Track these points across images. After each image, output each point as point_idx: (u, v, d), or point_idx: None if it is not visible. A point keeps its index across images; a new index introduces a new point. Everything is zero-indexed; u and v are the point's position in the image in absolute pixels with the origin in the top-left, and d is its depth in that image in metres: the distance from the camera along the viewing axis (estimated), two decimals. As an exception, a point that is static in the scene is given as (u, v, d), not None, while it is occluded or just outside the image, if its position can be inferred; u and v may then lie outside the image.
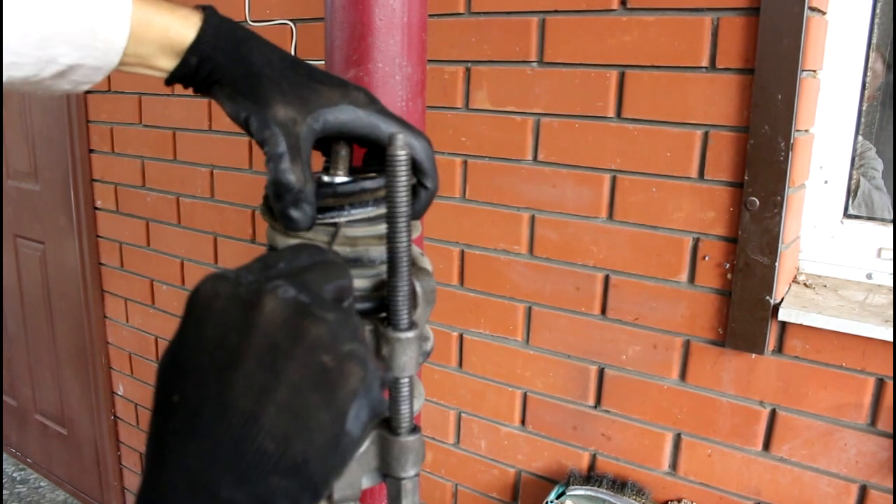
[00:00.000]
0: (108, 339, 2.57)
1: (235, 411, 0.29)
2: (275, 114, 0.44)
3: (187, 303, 0.33)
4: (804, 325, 1.23)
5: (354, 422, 0.31)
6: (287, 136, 0.44)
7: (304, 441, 0.30)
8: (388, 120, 0.48)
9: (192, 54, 0.46)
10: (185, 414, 0.30)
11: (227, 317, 0.31)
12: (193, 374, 0.31)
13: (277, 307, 0.31)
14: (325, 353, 0.31)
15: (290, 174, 0.43)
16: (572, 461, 1.54)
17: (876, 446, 1.22)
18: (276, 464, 0.29)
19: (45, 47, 0.43)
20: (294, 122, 0.44)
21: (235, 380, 0.30)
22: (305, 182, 0.43)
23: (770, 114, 1.19)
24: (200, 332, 0.32)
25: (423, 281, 0.42)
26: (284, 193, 0.43)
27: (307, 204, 0.43)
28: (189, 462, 0.29)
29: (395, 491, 0.41)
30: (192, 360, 0.31)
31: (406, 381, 0.40)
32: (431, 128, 1.56)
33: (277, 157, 0.43)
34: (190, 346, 0.32)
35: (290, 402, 0.30)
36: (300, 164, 0.43)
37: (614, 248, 1.41)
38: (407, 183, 0.38)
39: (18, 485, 3.00)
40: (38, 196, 2.64)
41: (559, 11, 1.39)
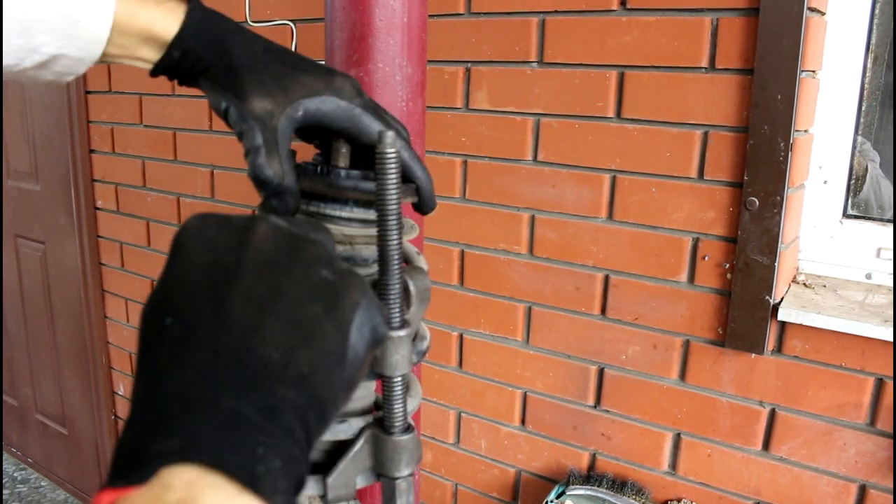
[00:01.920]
0: (109, 339, 2.57)
1: (235, 322, 0.28)
2: (252, 107, 0.44)
3: (174, 238, 0.32)
4: (804, 325, 1.23)
5: (358, 335, 0.31)
6: (263, 130, 0.43)
7: (309, 350, 0.29)
8: (370, 115, 0.47)
9: (175, 48, 0.46)
10: (179, 332, 0.28)
11: (220, 241, 0.31)
12: (185, 298, 0.29)
13: (270, 229, 0.32)
14: (323, 268, 0.31)
15: (267, 169, 0.43)
16: (572, 461, 1.54)
17: (875, 446, 1.22)
18: (281, 373, 0.28)
19: (25, 35, 0.42)
20: (271, 115, 0.44)
21: (233, 294, 0.29)
22: (283, 175, 0.43)
23: (770, 114, 1.19)
24: (190, 260, 0.31)
25: (416, 279, 0.41)
26: (263, 187, 0.43)
27: (288, 195, 0.43)
28: (186, 375, 0.27)
29: (389, 490, 0.41)
30: (184, 284, 0.30)
31: (399, 379, 0.40)
32: (431, 128, 1.56)
33: (254, 150, 0.43)
34: (178, 275, 0.31)
35: (291, 312, 0.29)
36: (277, 158, 0.43)
37: (614, 248, 1.41)
38: (397, 181, 0.38)
39: (19, 484, 3.00)
40: (38, 196, 2.64)
41: (559, 11, 1.39)
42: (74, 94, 2.33)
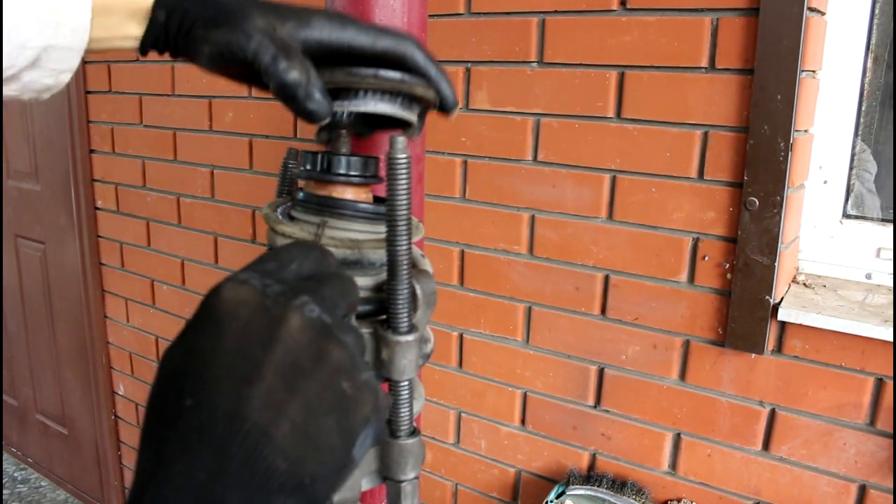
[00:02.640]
0: (109, 339, 2.57)
1: (251, 425, 0.29)
2: (254, 23, 0.43)
3: (206, 304, 0.32)
4: (804, 325, 1.23)
5: (360, 448, 0.31)
6: (273, 40, 0.42)
7: (314, 462, 0.29)
8: (365, 29, 0.46)
9: (159, 8, 0.45)
10: (196, 421, 0.29)
11: (252, 328, 0.31)
12: (208, 381, 0.30)
13: (303, 325, 0.31)
14: (345, 380, 0.31)
15: (291, 71, 0.42)
16: (572, 461, 1.55)
17: (875, 446, 1.22)
18: (284, 483, 0.29)
19: (14, 32, 0.42)
20: (274, 28, 0.43)
21: (254, 393, 0.29)
22: (308, 72, 0.42)
23: (769, 114, 1.19)
24: (220, 338, 0.31)
25: (423, 283, 0.42)
26: (294, 92, 0.42)
27: (318, 92, 0.42)
28: (196, 474, 0.28)
29: (394, 493, 0.41)
30: (208, 366, 0.30)
31: (405, 384, 0.40)
32: (431, 128, 1.56)
33: (272, 60, 0.42)
34: (206, 351, 0.31)
35: (306, 423, 0.30)
36: (297, 58, 0.42)
37: (614, 248, 1.41)
38: (407, 186, 0.39)
39: (19, 484, 3.00)
40: (38, 196, 2.64)
41: (559, 11, 1.39)
42: (74, 94, 2.33)
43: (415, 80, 0.45)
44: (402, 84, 0.45)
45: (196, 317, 0.32)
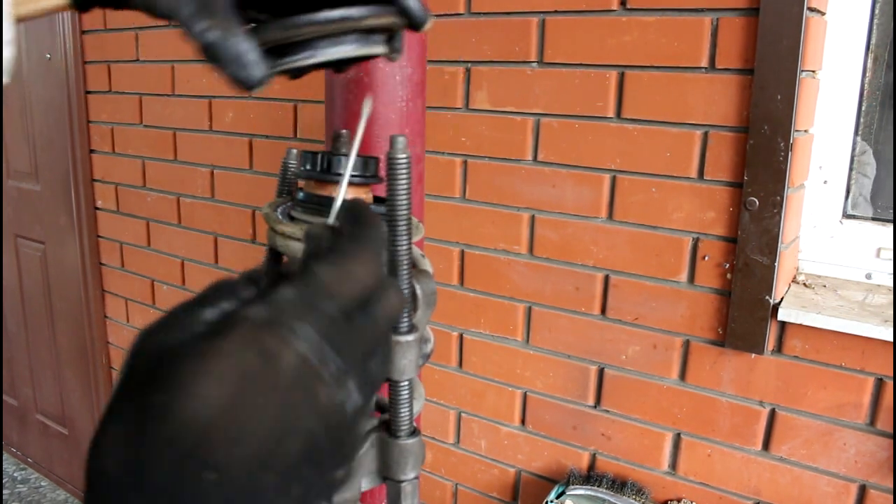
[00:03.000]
0: (109, 339, 2.57)
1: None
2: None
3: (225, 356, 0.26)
4: (804, 325, 1.23)
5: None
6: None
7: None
8: None
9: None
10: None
11: (268, 418, 0.26)
12: (233, 469, 0.25)
13: (323, 416, 0.27)
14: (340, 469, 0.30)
15: (211, 31, 0.35)
16: (572, 461, 1.55)
17: (875, 446, 1.22)
18: None
19: None
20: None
21: (276, 489, 0.26)
22: (230, 32, 0.36)
23: (769, 114, 1.19)
24: (245, 424, 0.26)
25: (423, 283, 0.42)
26: (218, 56, 0.36)
27: (247, 55, 0.36)
28: None
29: (394, 493, 0.41)
30: (231, 450, 0.25)
31: (406, 384, 0.40)
32: (431, 128, 1.56)
33: (188, 18, 0.36)
34: (229, 430, 0.25)
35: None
36: (219, 15, 0.36)
37: (614, 248, 1.41)
38: (407, 186, 0.38)
39: (19, 484, 3.00)
40: (38, 196, 2.64)
41: (559, 11, 1.39)
42: (74, 94, 2.33)
43: (365, 12, 0.39)
44: (349, 22, 0.39)
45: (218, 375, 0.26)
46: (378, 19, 0.40)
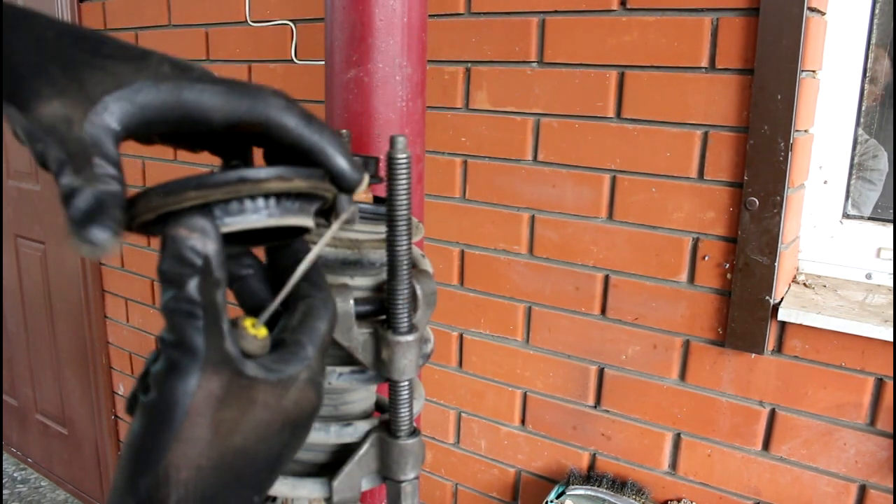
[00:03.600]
0: (109, 339, 2.57)
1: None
2: (39, 116, 0.30)
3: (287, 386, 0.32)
4: (804, 325, 1.23)
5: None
6: (63, 144, 0.30)
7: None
8: (210, 91, 0.33)
9: None
10: None
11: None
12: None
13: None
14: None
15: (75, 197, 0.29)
16: (572, 461, 1.55)
17: (875, 446, 1.22)
18: None
19: None
20: (68, 123, 0.31)
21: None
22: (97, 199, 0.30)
23: (770, 114, 1.19)
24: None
25: (423, 283, 0.41)
26: (72, 223, 0.30)
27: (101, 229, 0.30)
28: None
29: (394, 493, 0.41)
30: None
31: (405, 384, 0.40)
32: (431, 128, 1.56)
33: (57, 169, 0.30)
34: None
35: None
36: (87, 172, 0.30)
37: (614, 248, 1.41)
38: (407, 186, 0.38)
39: (19, 484, 3.00)
40: (38, 196, 2.64)
41: (559, 11, 1.39)
42: (74, 93, 2.33)
43: (270, 173, 0.31)
44: (246, 185, 0.31)
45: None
46: (287, 183, 0.32)
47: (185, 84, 0.33)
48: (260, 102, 0.33)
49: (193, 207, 0.31)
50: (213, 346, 0.29)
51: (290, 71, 1.79)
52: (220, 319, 0.30)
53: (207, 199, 0.31)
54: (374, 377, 0.42)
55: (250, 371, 0.30)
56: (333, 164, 0.35)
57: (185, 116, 0.33)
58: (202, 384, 0.28)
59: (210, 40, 1.93)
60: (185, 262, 0.30)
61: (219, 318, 0.29)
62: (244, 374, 0.30)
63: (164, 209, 0.31)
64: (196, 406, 0.28)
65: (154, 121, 0.33)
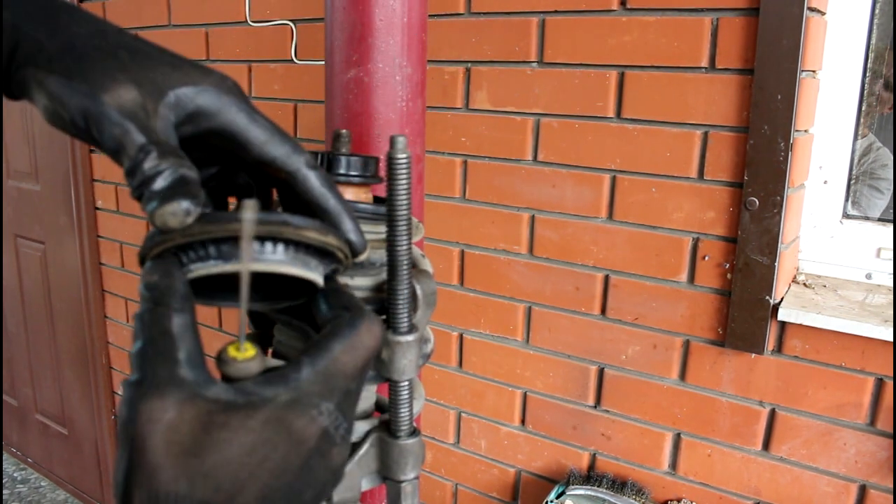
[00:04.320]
0: (109, 339, 2.57)
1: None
2: (118, 99, 0.31)
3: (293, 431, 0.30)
4: (804, 325, 1.23)
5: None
6: (146, 132, 0.32)
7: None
8: (261, 124, 0.35)
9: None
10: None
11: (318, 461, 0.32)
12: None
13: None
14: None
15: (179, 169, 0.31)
16: (572, 461, 1.55)
17: (875, 446, 1.22)
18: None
19: None
20: (146, 112, 0.32)
21: None
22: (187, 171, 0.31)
23: (770, 114, 1.19)
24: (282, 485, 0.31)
25: (423, 283, 0.41)
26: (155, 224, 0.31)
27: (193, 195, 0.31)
28: None
29: (394, 493, 0.41)
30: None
31: (406, 384, 0.40)
32: (431, 128, 1.56)
33: (140, 154, 0.31)
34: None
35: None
36: (174, 154, 0.32)
37: (614, 248, 1.41)
38: (407, 186, 0.38)
39: (19, 484, 3.00)
40: (38, 196, 2.64)
41: (559, 11, 1.39)
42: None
43: (306, 223, 0.33)
44: (287, 228, 0.32)
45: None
46: (323, 236, 0.33)
47: (243, 106, 0.35)
48: (296, 153, 0.36)
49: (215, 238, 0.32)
50: (163, 372, 0.28)
51: (290, 71, 1.79)
52: (174, 347, 0.29)
53: (215, 235, 0.32)
54: (374, 377, 0.42)
55: (209, 393, 0.29)
56: (346, 231, 0.37)
57: (229, 134, 0.35)
58: (143, 409, 0.28)
59: (210, 40, 1.93)
60: (141, 296, 0.31)
61: (171, 346, 0.29)
62: (201, 397, 0.28)
63: (181, 241, 0.31)
64: (142, 431, 0.28)
65: (201, 126, 0.34)
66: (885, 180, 1.34)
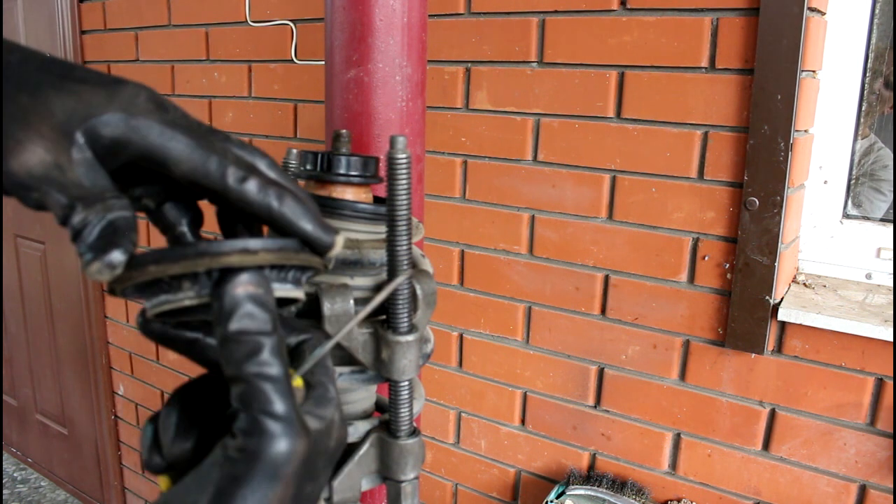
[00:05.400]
0: (109, 339, 2.57)
1: None
2: (29, 168, 0.29)
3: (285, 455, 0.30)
4: (804, 325, 1.23)
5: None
6: (65, 190, 0.30)
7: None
8: (178, 140, 0.32)
9: None
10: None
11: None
12: None
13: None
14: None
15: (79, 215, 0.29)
16: (572, 461, 1.55)
17: (875, 446, 1.22)
18: None
19: None
20: (60, 169, 0.30)
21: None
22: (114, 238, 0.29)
23: (770, 114, 1.19)
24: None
25: (423, 283, 0.41)
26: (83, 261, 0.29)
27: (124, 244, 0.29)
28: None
29: (394, 493, 0.41)
30: None
31: (406, 384, 0.40)
32: (431, 128, 1.56)
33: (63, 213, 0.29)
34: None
35: None
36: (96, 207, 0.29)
37: (614, 248, 1.41)
38: (407, 186, 0.38)
39: (19, 484, 3.00)
40: (38, 196, 2.64)
41: (559, 11, 1.39)
42: (74, 93, 2.33)
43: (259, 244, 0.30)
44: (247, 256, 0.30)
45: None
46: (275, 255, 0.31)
47: (155, 125, 0.32)
48: (221, 165, 0.32)
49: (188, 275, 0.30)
50: (293, 408, 0.29)
51: (290, 71, 1.79)
52: (288, 376, 0.30)
53: (195, 269, 0.30)
54: (374, 377, 0.42)
55: (312, 425, 0.30)
56: (301, 231, 0.33)
57: (147, 158, 0.32)
58: (295, 449, 0.29)
59: (210, 40, 1.93)
60: (259, 320, 0.30)
61: (289, 379, 0.30)
62: (309, 430, 0.30)
63: (157, 275, 0.29)
64: (289, 472, 0.29)
65: (121, 158, 0.32)
66: (886, 181, 1.34)
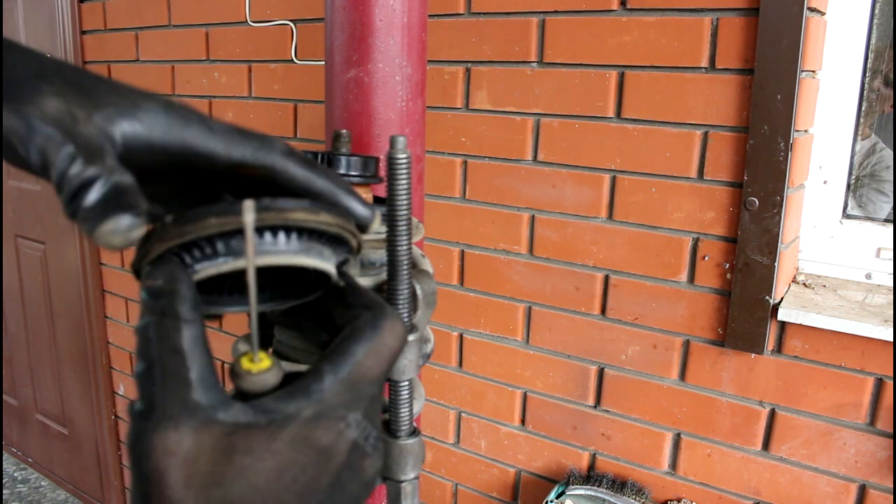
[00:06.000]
0: (109, 339, 2.57)
1: None
2: (45, 106, 0.28)
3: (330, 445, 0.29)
4: (804, 325, 1.23)
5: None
6: (71, 136, 0.28)
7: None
8: (217, 130, 0.32)
9: None
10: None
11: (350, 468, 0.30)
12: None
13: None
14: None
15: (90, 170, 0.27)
16: (572, 461, 1.55)
17: (875, 446, 1.22)
18: None
19: None
20: (74, 119, 0.28)
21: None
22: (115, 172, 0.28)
23: (769, 114, 1.19)
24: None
25: (423, 283, 0.41)
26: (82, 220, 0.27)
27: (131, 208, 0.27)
28: None
29: (394, 493, 0.41)
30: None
31: (406, 384, 0.40)
32: (431, 128, 1.56)
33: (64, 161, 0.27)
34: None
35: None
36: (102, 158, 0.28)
37: (614, 248, 1.41)
38: (407, 186, 0.38)
39: (19, 484, 3.00)
40: (38, 196, 2.64)
41: (559, 11, 1.39)
42: (74, 93, 2.33)
43: (301, 203, 0.30)
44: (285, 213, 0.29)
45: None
46: (314, 215, 0.30)
47: (192, 121, 0.32)
48: (265, 147, 0.33)
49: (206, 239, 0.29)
50: (175, 398, 0.26)
51: (290, 71, 1.79)
52: (185, 367, 0.27)
53: (224, 229, 0.28)
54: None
55: (226, 417, 0.27)
56: (344, 204, 0.34)
57: (188, 150, 0.31)
58: (157, 442, 0.26)
59: (210, 40, 1.93)
60: (143, 305, 0.28)
61: (182, 365, 0.27)
62: (219, 422, 0.26)
63: (185, 238, 0.28)
64: (159, 466, 0.26)
65: (156, 148, 0.31)
66: (889, 182, 1.34)
